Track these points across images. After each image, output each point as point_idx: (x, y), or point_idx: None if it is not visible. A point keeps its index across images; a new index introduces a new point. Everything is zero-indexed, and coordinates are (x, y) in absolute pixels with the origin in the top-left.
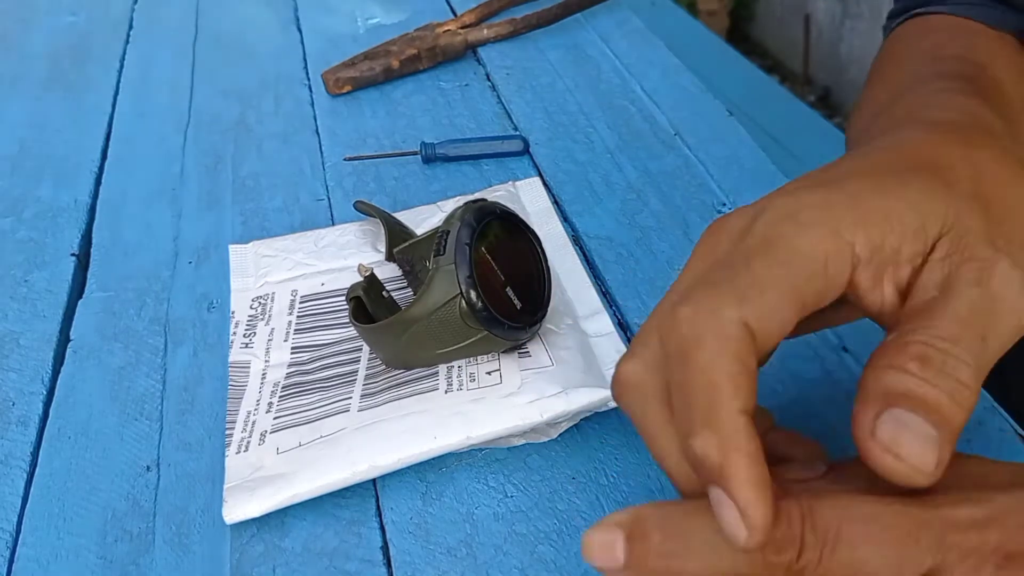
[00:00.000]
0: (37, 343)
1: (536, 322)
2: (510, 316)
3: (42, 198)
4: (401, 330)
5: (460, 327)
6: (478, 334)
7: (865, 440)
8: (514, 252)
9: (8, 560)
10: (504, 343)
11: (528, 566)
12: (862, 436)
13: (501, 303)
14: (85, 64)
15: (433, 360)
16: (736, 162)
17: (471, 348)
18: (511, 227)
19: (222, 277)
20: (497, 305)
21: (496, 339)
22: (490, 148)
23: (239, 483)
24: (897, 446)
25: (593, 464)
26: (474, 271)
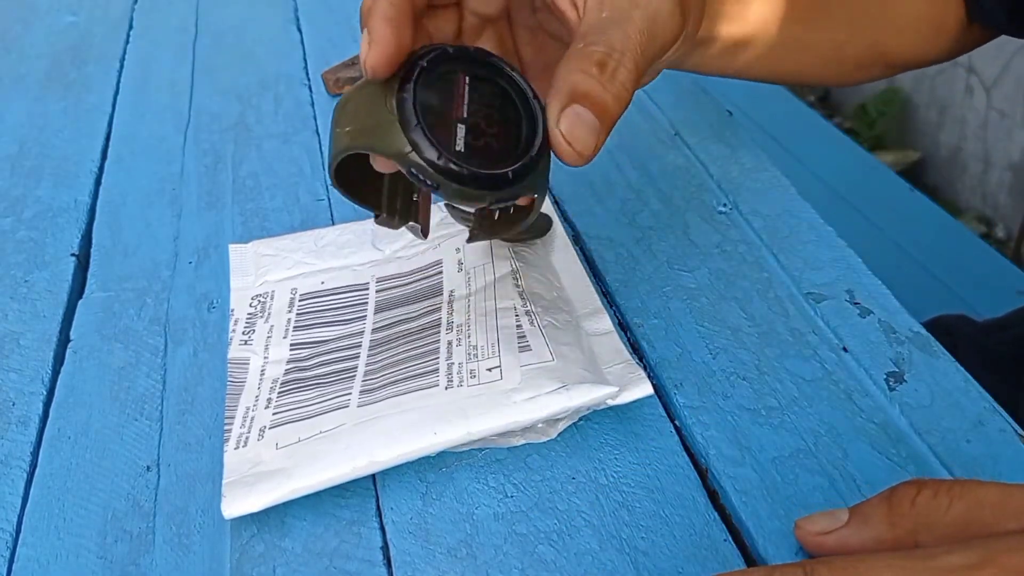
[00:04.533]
0: (37, 343)
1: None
2: (445, 147)
3: (42, 198)
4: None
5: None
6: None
7: (552, 127)
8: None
9: (8, 560)
10: (436, 179)
11: (528, 566)
12: (551, 124)
13: (445, 132)
14: (85, 64)
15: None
16: (736, 162)
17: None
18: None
19: (222, 277)
20: (439, 132)
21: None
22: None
23: (238, 478)
24: (572, 135)
25: (593, 464)
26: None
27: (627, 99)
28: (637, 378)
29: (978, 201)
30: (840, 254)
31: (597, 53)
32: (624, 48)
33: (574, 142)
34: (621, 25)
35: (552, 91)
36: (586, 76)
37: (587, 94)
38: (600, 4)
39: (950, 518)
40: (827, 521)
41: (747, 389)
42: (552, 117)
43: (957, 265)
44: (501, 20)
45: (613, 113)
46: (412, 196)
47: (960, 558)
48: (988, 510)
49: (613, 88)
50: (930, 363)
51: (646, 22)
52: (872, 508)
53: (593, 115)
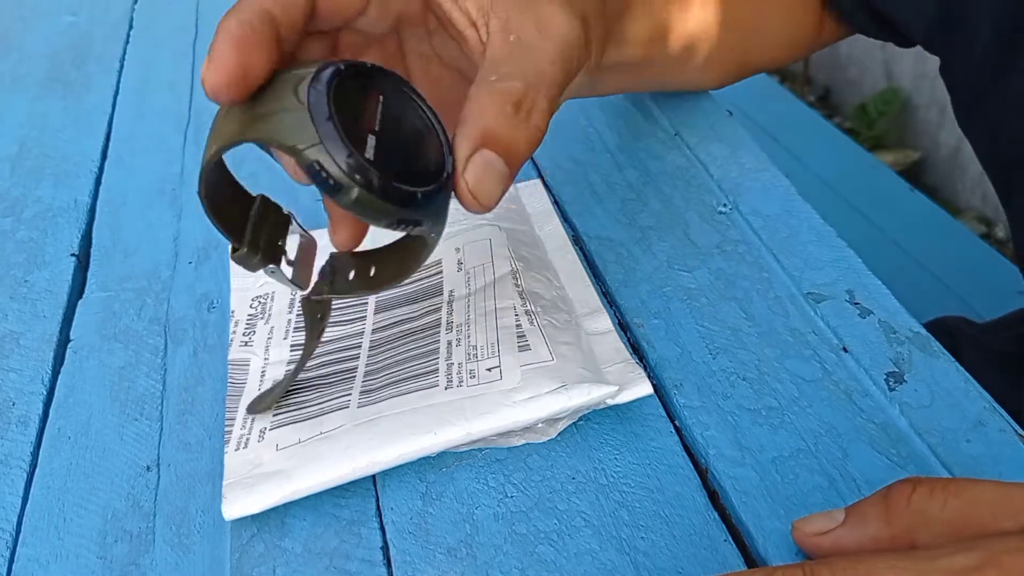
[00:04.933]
0: (37, 343)
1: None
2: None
3: (42, 198)
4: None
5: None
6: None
7: (459, 174)
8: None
9: (8, 560)
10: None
11: (528, 566)
12: (458, 170)
13: (356, 138)
14: (85, 64)
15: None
16: (736, 162)
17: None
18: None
19: (222, 277)
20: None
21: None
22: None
23: (238, 479)
24: (478, 187)
25: (593, 464)
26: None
27: (539, 141)
28: (637, 378)
29: (978, 201)
30: (840, 254)
31: (514, 91)
32: (539, 84)
33: (479, 194)
34: (533, 56)
35: (461, 129)
36: (499, 116)
37: (499, 139)
38: (505, 27)
39: (946, 516)
40: (823, 521)
41: (747, 389)
42: (460, 160)
43: (957, 265)
44: (389, 41)
45: (524, 157)
46: (280, 239)
47: (962, 559)
48: (985, 508)
49: (527, 131)
50: (930, 363)
51: (558, 53)
52: (868, 507)
53: (503, 162)
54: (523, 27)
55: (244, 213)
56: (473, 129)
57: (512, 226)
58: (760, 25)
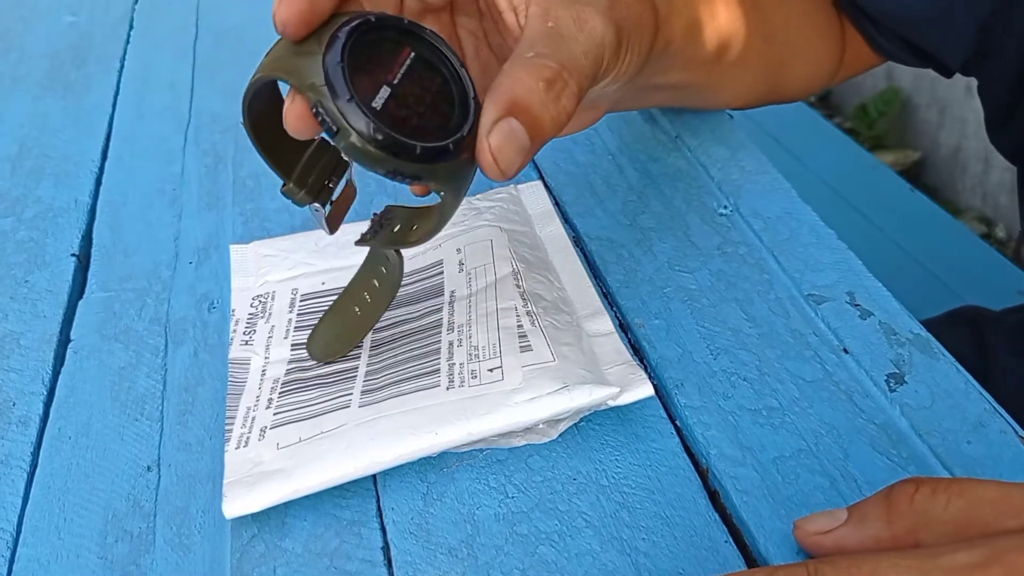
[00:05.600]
0: (37, 343)
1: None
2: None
3: (42, 198)
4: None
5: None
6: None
7: (483, 136)
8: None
9: (8, 560)
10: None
11: (529, 567)
12: (481, 132)
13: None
14: (85, 64)
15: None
16: (737, 164)
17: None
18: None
19: (223, 277)
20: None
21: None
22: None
23: (238, 478)
24: (499, 151)
25: (594, 465)
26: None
27: (564, 124)
28: (638, 379)
29: (978, 201)
30: (841, 256)
31: (548, 69)
32: (572, 69)
33: (499, 159)
34: (568, 44)
35: (491, 95)
36: (531, 90)
37: (527, 110)
38: (544, 14)
39: (949, 516)
40: (825, 521)
41: (748, 390)
42: (485, 124)
43: (957, 265)
44: (444, 15)
45: (547, 135)
46: (328, 180)
47: (966, 557)
48: (987, 508)
49: (554, 110)
50: (930, 364)
51: (591, 47)
52: (870, 507)
53: (527, 133)
54: (560, 18)
55: (299, 150)
56: (503, 96)
57: (513, 227)
58: (788, 55)
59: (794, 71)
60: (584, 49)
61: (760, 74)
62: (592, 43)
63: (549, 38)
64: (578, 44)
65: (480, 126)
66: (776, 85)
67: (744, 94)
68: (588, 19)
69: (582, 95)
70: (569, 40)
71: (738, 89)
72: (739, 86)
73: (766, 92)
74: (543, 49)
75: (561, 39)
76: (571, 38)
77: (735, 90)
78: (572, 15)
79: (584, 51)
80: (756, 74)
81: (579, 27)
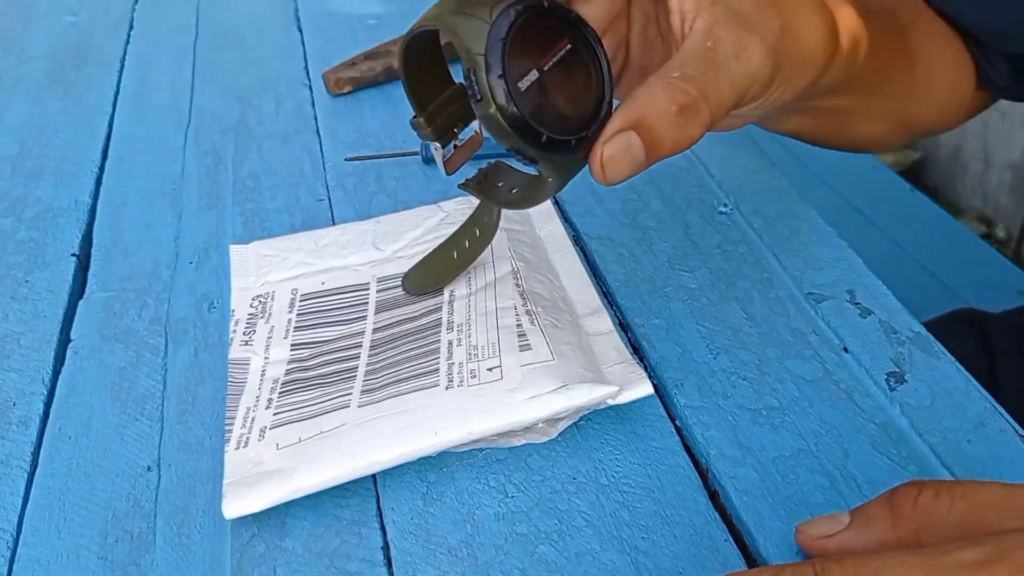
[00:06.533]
0: (38, 343)
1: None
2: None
3: (42, 198)
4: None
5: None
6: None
7: (600, 142)
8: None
9: (9, 560)
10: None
11: (529, 566)
12: (602, 137)
13: (519, 67)
14: (85, 64)
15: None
16: (737, 162)
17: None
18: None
19: (223, 277)
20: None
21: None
22: (491, 149)
23: (238, 478)
24: (611, 161)
25: (593, 464)
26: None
27: (686, 148)
28: (637, 378)
29: (978, 201)
30: (841, 254)
31: (686, 95)
32: (711, 98)
33: (607, 168)
34: (717, 71)
35: (624, 104)
36: (661, 112)
37: (652, 130)
38: (708, 31)
39: (953, 518)
40: (828, 524)
41: (748, 389)
42: (608, 131)
43: (957, 265)
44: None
45: (665, 155)
46: (455, 127)
47: (972, 554)
48: (991, 510)
49: (680, 135)
50: (931, 363)
51: (741, 78)
52: (874, 510)
53: (644, 150)
54: (722, 40)
55: (438, 90)
56: (634, 109)
57: (513, 226)
58: (932, 86)
59: (928, 104)
60: (732, 79)
61: (899, 105)
62: (743, 74)
63: (701, 60)
64: (728, 72)
65: (604, 131)
66: (910, 118)
67: (881, 126)
68: (748, 47)
69: (715, 123)
70: (720, 67)
71: (877, 120)
72: (879, 117)
73: (900, 126)
74: (691, 71)
75: (713, 64)
76: (723, 65)
77: (874, 121)
78: (733, 39)
79: (731, 80)
80: (895, 104)
81: (736, 54)
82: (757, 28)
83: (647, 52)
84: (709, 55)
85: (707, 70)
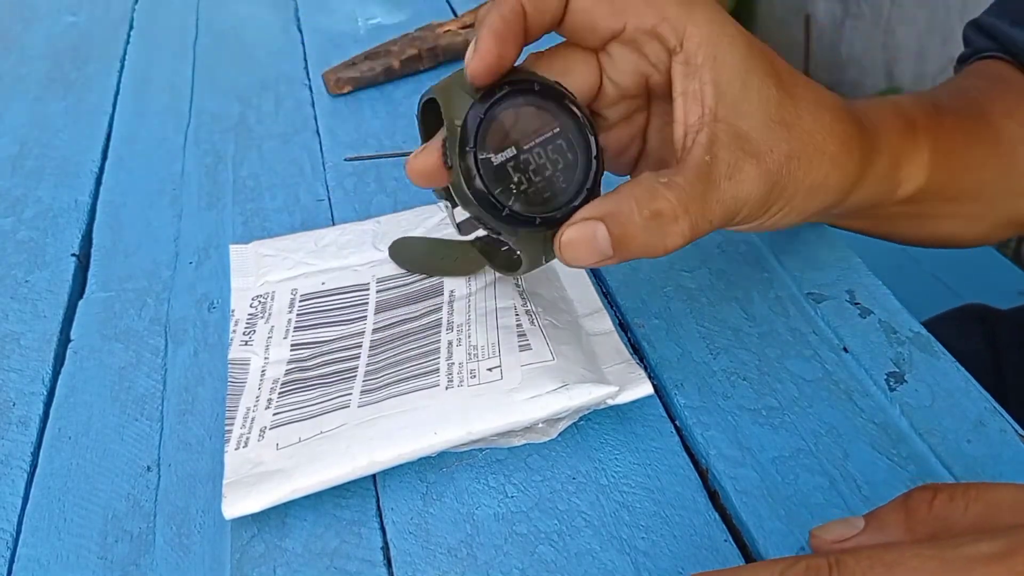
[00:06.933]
0: (38, 343)
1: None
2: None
3: (42, 198)
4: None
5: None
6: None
7: (566, 225)
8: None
9: (9, 560)
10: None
11: (528, 566)
12: (571, 220)
13: (496, 140)
14: (85, 64)
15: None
16: None
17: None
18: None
19: (223, 277)
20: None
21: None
22: None
23: (238, 479)
24: (571, 247)
25: (593, 464)
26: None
27: (662, 253)
28: (637, 378)
29: None
30: (841, 254)
31: (665, 203)
32: (692, 212)
33: (566, 250)
34: (708, 187)
35: (606, 195)
36: (636, 212)
37: (621, 226)
38: (709, 146)
39: (968, 521)
40: (843, 528)
41: (747, 389)
42: (576, 216)
43: (957, 265)
44: (640, 99)
45: (632, 254)
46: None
47: (988, 547)
48: (1006, 511)
49: (648, 239)
50: (930, 363)
51: (729, 199)
52: (888, 514)
53: (610, 245)
54: (720, 161)
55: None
56: (609, 204)
57: None
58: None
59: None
60: (720, 198)
61: (995, 204)
62: (731, 196)
63: (694, 171)
64: (717, 191)
65: (574, 215)
66: (1014, 214)
67: (977, 226)
68: (743, 170)
69: (697, 235)
70: (711, 184)
71: (969, 221)
72: (971, 218)
73: (1004, 223)
74: (680, 179)
75: (704, 179)
76: (713, 183)
77: (966, 222)
78: (730, 160)
79: (719, 199)
80: (989, 204)
81: (729, 175)
82: (758, 151)
83: (667, 146)
84: (703, 168)
85: (697, 182)
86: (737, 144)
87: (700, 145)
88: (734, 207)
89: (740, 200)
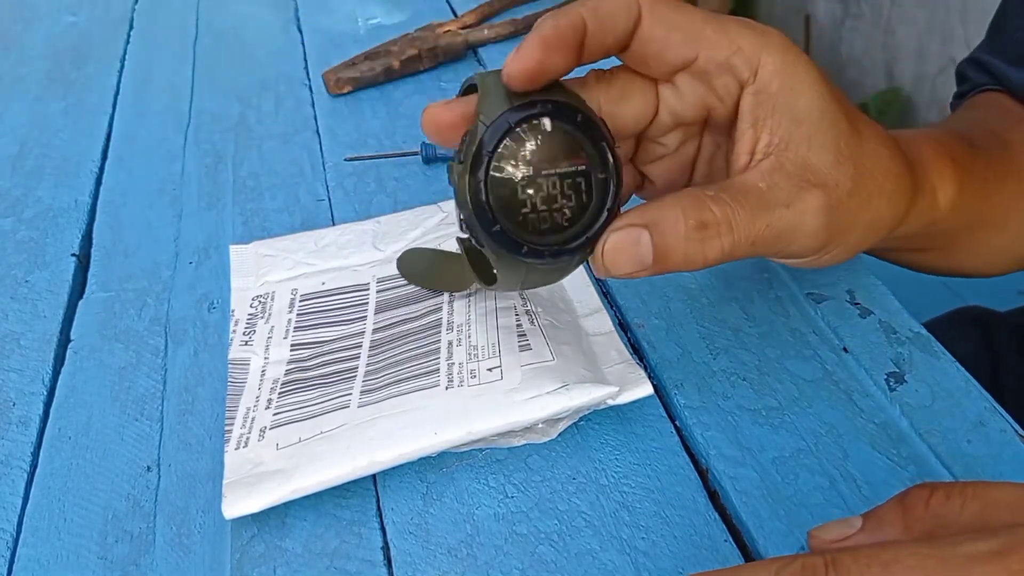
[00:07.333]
0: (37, 343)
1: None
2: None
3: (42, 198)
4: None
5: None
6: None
7: (607, 231)
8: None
9: (9, 560)
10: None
11: (528, 567)
12: (611, 226)
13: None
14: (85, 64)
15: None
16: None
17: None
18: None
19: (223, 277)
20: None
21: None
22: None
23: (238, 479)
24: (611, 255)
25: (593, 464)
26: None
27: (698, 266)
28: (637, 378)
29: None
30: None
31: (710, 215)
32: (738, 227)
33: (607, 258)
34: (760, 211)
35: (652, 202)
36: (679, 220)
37: (664, 234)
38: (771, 173)
39: (965, 519)
40: (841, 528)
41: (747, 389)
42: (618, 223)
43: None
44: (695, 127)
45: (673, 267)
46: None
47: (985, 545)
48: (1003, 510)
49: (688, 250)
50: (930, 363)
51: (781, 229)
52: (886, 513)
53: (652, 254)
54: (779, 189)
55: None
56: (652, 211)
57: None
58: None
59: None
60: (771, 222)
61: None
62: (787, 223)
63: (749, 192)
64: (769, 215)
65: (615, 222)
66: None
67: (1004, 257)
68: (805, 200)
69: (737, 255)
70: (762, 207)
71: (998, 253)
72: (998, 251)
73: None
74: (727, 196)
75: (758, 199)
76: (766, 207)
77: (994, 254)
78: (791, 189)
79: (769, 223)
80: (1018, 237)
81: (787, 202)
82: (824, 183)
83: (715, 176)
84: (757, 191)
85: (746, 202)
86: (802, 175)
87: (759, 171)
88: (788, 235)
89: (797, 228)
